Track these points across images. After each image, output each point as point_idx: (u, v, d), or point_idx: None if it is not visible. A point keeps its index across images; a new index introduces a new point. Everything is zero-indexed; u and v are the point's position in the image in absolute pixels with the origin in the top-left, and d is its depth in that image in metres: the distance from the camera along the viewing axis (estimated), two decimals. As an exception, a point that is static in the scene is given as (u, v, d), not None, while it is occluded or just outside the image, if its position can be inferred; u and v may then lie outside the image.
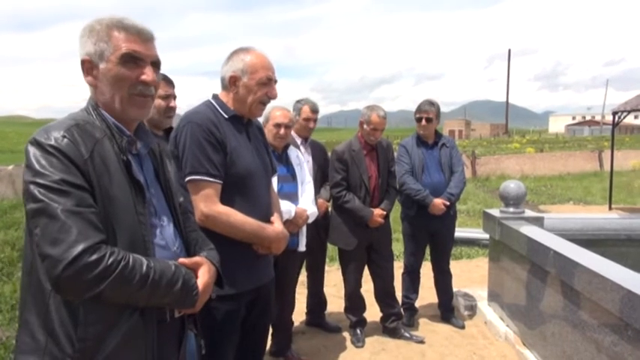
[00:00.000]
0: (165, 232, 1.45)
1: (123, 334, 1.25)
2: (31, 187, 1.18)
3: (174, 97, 2.71)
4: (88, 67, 1.36)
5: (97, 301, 1.19)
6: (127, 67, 1.34)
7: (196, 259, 1.47)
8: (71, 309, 1.21)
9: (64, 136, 1.23)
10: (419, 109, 4.05)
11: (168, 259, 1.38)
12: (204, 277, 1.44)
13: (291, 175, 3.21)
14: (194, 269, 1.44)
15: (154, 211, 1.43)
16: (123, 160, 1.33)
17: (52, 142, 1.21)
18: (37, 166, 1.19)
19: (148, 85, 1.38)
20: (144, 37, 1.38)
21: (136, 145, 1.43)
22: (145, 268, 1.24)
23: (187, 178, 1.98)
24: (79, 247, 1.14)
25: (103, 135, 1.31)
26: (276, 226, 2.17)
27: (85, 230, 1.16)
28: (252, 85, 2.09)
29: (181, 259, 1.42)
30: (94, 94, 1.39)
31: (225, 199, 2.02)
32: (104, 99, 1.36)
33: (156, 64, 1.41)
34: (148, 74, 1.37)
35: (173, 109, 2.67)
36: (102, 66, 1.34)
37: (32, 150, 1.22)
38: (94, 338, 1.22)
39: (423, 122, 4.00)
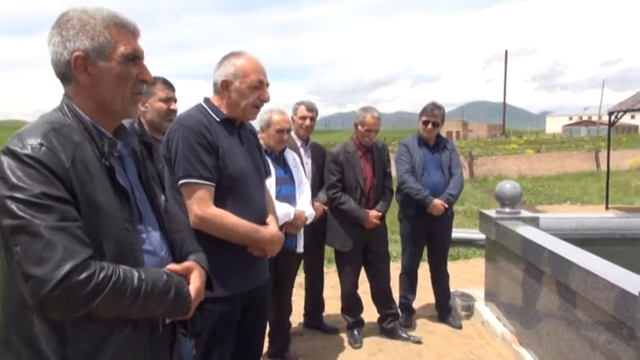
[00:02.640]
0: (152, 237, 1.40)
1: (116, 348, 1.20)
2: (8, 202, 1.08)
3: (175, 100, 2.72)
4: (82, 63, 1.25)
5: (86, 318, 1.12)
6: (129, 65, 1.30)
7: (187, 264, 1.42)
8: (57, 327, 1.14)
9: (41, 144, 1.13)
10: (426, 113, 4.01)
11: (156, 265, 1.34)
12: (195, 282, 1.40)
13: (289, 178, 3.23)
14: (185, 275, 1.39)
15: (140, 217, 1.37)
16: (105, 165, 1.25)
17: (29, 152, 1.11)
18: (13, 179, 1.09)
19: (145, 84, 1.37)
20: (137, 33, 1.35)
21: (117, 146, 1.36)
22: (136, 280, 1.18)
23: (180, 182, 1.98)
24: (67, 266, 1.06)
25: (82, 138, 1.22)
26: (271, 228, 2.17)
27: (71, 246, 1.08)
28: (244, 89, 2.09)
29: (171, 266, 1.37)
30: (78, 92, 1.29)
31: (219, 202, 2.02)
32: (101, 98, 1.29)
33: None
34: (148, 73, 1.36)
35: (174, 112, 2.69)
36: (102, 64, 1.26)
37: (6, 161, 1.12)
38: (85, 356, 1.16)
39: (430, 126, 4.00)
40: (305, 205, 3.24)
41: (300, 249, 3.29)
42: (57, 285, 1.06)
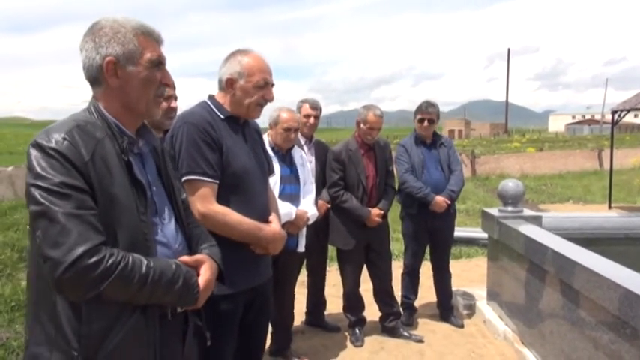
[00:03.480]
0: (167, 229, 1.48)
1: (125, 331, 1.28)
2: (33, 189, 1.21)
3: (175, 98, 2.73)
4: (113, 67, 1.37)
5: (98, 300, 1.22)
6: (154, 70, 1.42)
7: (198, 256, 1.50)
8: (75, 307, 1.24)
9: (64, 139, 1.25)
10: (421, 111, 4.06)
11: (169, 257, 1.41)
12: (205, 274, 1.47)
13: (294, 177, 3.21)
14: (196, 267, 1.46)
15: (155, 210, 1.46)
16: (124, 160, 1.35)
17: (53, 145, 1.23)
18: (38, 169, 1.22)
19: (166, 87, 1.50)
20: (161, 42, 1.48)
21: (138, 144, 1.47)
22: (144, 268, 1.26)
23: (184, 179, 1.98)
24: (79, 250, 1.17)
25: (104, 135, 1.33)
26: (274, 226, 2.18)
27: (84, 232, 1.19)
28: (249, 88, 2.10)
29: (183, 257, 1.44)
30: (106, 94, 1.40)
31: (222, 199, 2.03)
32: (128, 99, 1.40)
33: None
34: (169, 77, 1.48)
35: (174, 109, 2.69)
36: (130, 68, 1.38)
37: (34, 153, 1.24)
38: (98, 335, 1.25)
39: (426, 124, 4.03)
40: (308, 206, 3.22)
41: (301, 248, 3.28)
42: (69, 267, 1.16)
